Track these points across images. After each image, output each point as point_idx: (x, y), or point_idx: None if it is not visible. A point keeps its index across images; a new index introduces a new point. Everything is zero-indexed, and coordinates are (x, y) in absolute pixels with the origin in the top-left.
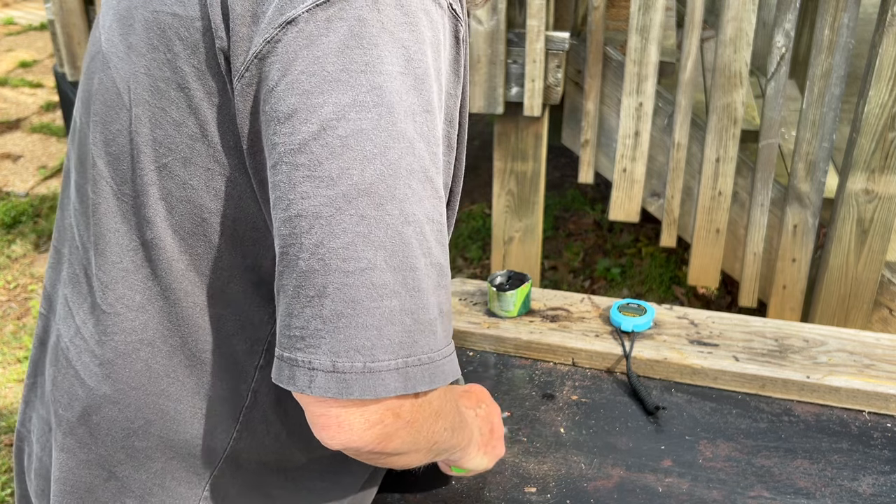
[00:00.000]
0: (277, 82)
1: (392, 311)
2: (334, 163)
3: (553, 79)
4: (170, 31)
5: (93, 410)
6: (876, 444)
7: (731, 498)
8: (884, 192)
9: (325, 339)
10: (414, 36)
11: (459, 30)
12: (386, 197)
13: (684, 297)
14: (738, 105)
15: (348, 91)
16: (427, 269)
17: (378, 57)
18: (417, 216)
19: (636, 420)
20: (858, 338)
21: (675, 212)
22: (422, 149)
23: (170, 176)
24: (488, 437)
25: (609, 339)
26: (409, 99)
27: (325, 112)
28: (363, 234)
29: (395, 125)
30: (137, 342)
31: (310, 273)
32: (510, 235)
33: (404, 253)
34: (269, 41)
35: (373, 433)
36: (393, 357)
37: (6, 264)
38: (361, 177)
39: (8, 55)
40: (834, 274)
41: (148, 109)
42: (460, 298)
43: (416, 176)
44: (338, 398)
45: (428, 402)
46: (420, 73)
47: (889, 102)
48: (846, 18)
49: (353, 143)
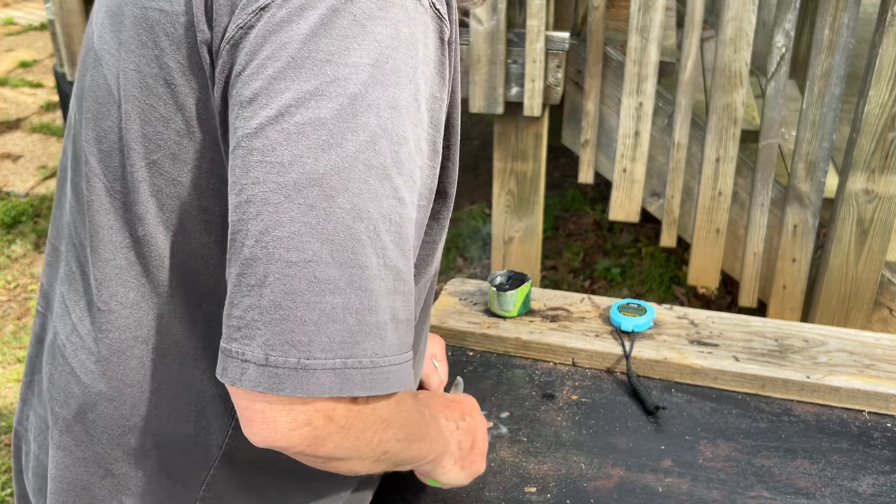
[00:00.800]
0: (245, 67)
1: (334, 308)
2: (288, 150)
3: (553, 79)
4: (157, 26)
5: (89, 408)
6: (876, 444)
7: (731, 498)
8: (884, 192)
9: (260, 330)
10: (387, 31)
11: (444, 31)
12: (338, 189)
13: (684, 297)
14: (738, 105)
15: (311, 79)
16: (379, 270)
17: (346, 48)
18: (372, 214)
19: (636, 420)
20: (858, 338)
21: (675, 212)
22: (384, 145)
23: (160, 172)
24: (467, 452)
25: (609, 339)
26: (374, 93)
27: (286, 98)
28: (310, 224)
29: (356, 118)
30: (132, 339)
31: (252, 261)
32: (510, 235)
33: (353, 249)
34: (241, 27)
35: (300, 434)
36: (331, 356)
37: (6, 264)
38: (314, 166)
39: (8, 55)
40: (834, 274)
41: (137, 106)
42: (460, 298)
43: (374, 172)
44: (267, 393)
45: (372, 409)
46: (390, 70)
47: (889, 102)
48: (846, 18)
49: (310, 131)
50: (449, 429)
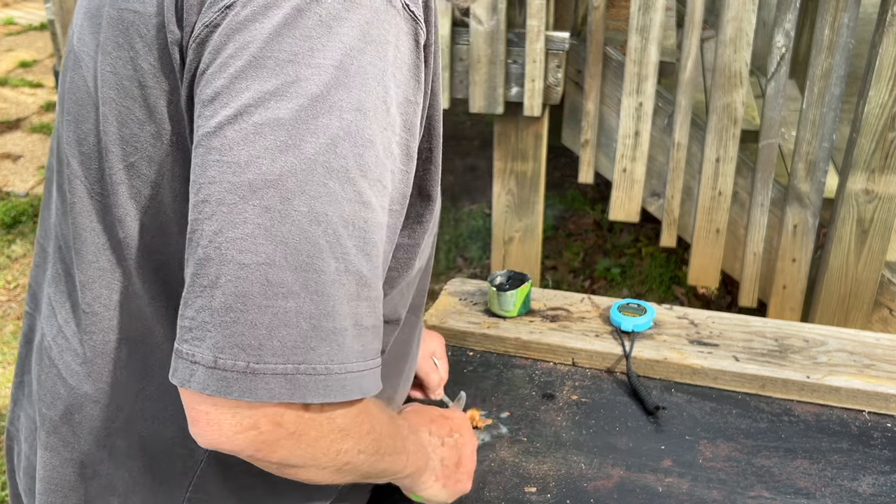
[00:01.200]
0: (209, 65)
1: (287, 313)
2: (244, 150)
3: (553, 79)
4: (131, 28)
5: (75, 409)
6: (876, 444)
7: (731, 498)
8: (884, 192)
9: (210, 332)
10: (354, 33)
11: (419, 33)
12: (294, 192)
13: (684, 297)
14: (738, 105)
15: (271, 79)
16: (339, 275)
17: (310, 49)
18: (331, 217)
19: (636, 420)
20: (858, 338)
21: (675, 212)
22: (346, 148)
23: (137, 175)
24: (452, 470)
25: (609, 339)
26: (338, 95)
27: (245, 97)
28: (264, 226)
29: (317, 119)
30: (116, 341)
31: (206, 261)
32: (510, 235)
33: (309, 253)
34: (207, 25)
35: (245, 438)
36: (282, 361)
37: (6, 264)
38: (270, 167)
39: (8, 55)
40: (834, 274)
41: (115, 108)
42: (460, 298)
43: (334, 175)
44: (215, 396)
45: (327, 417)
46: (355, 71)
47: (889, 102)
48: (846, 18)
49: (267, 131)
50: (433, 444)
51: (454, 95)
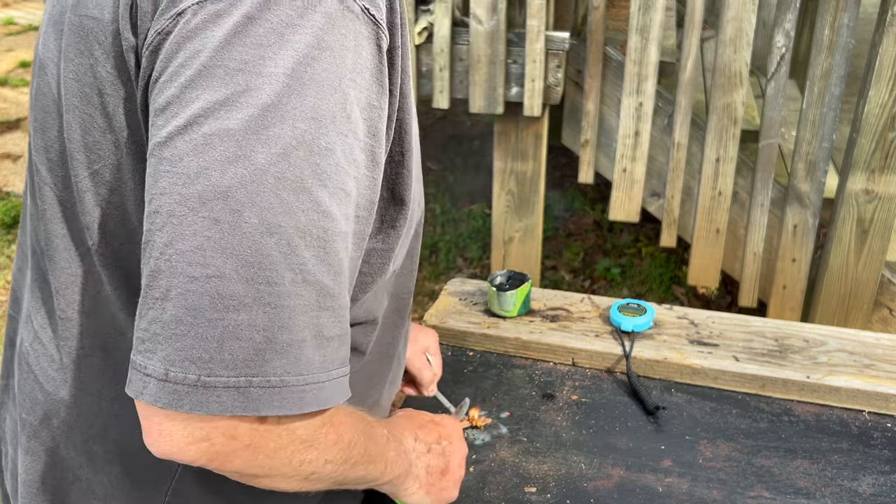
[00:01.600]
0: (161, 74)
1: (238, 326)
2: (194, 161)
3: (553, 79)
4: (90, 35)
5: (52, 414)
6: (876, 444)
7: (731, 498)
8: (884, 192)
9: (161, 345)
10: (307, 39)
11: (381, 38)
12: (245, 203)
13: (684, 297)
14: (738, 105)
15: (222, 88)
16: (295, 286)
17: (261, 57)
18: (285, 228)
19: (636, 420)
20: (858, 338)
21: (675, 212)
22: (300, 157)
23: (102, 182)
24: (437, 478)
25: (609, 339)
26: (290, 104)
27: (195, 108)
28: (214, 239)
29: (267, 129)
30: (90, 347)
31: (157, 273)
32: (510, 235)
33: (261, 265)
34: (160, 32)
35: (197, 449)
36: (234, 374)
37: (6, 264)
38: (220, 179)
39: (8, 55)
40: (834, 274)
41: (78, 115)
42: (460, 298)
43: (288, 185)
44: (167, 409)
45: (287, 429)
46: (309, 79)
47: (889, 102)
48: (846, 18)
49: (217, 142)
50: (418, 451)
51: (454, 95)
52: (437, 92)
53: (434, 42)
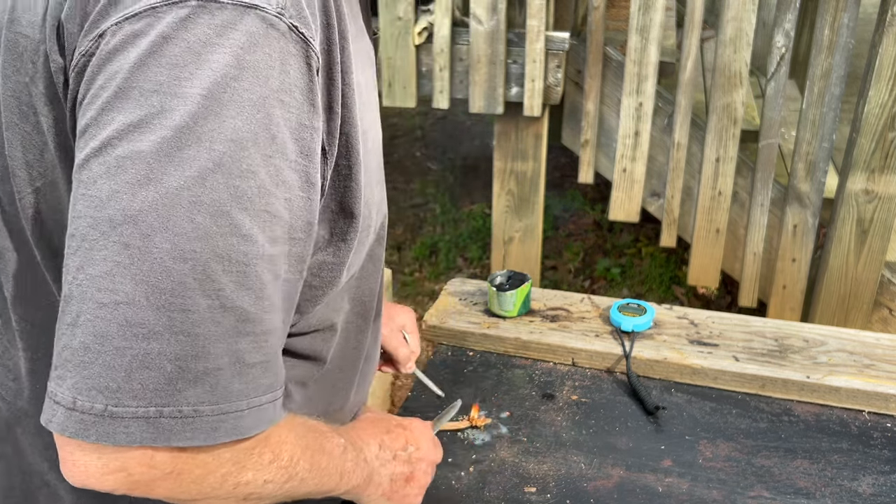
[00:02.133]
0: (84, 96)
1: (148, 354)
2: (106, 184)
3: (553, 79)
4: (25, 54)
5: (14, 423)
6: (876, 444)
7: (731, 498)
8: (884, 192)
9: (70, 372)
10: (226, 59)
11: (311, 55)
12: (156, 227)
13: (684, 297)
14: (738, 105)
15: (136, 110)
16: (212, 312)
17: (176, 78)
18: (199, 253)
19: (636, 420)
20: (858, 338)
21: (675, 212)
22: (218, 181)
23: (44, 199)
24: (401, 485)
25: (609, 339)
26: (207, 126)
27: (110, 130)
28: (124, 264)
29: (181, 151)
30: (43, 357)
31: (69, 298)
32: (510, 235)
33: (174, 292)
34: (83, 54)
35: (115, 479)
36: (143, 404)
37: None
38: (130, 203)
39: None
40: (834, 274)
41: (18, 133)
42: (460, 298)
43: (203, 209)
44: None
45: (213, 455)
46: (229, 99)
47: (889, 102)
48: (846, 18)
49: (129, 165)
50: (382, 458)
51: (454, 95)
52: (437, 92)
53: (434, 42)
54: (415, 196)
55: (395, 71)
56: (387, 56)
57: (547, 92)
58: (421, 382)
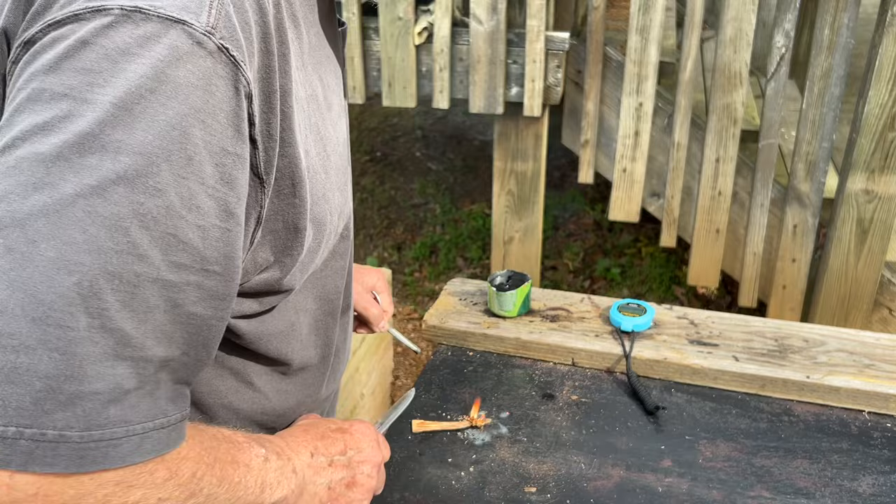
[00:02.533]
0: (11, 101)
1: (16, 369)
2: (1, 184)
3: (553, 79)
4: None
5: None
6: (876, 444)
7: (731, 498)
8: (884, 192)
9: None
10: (144, 70)
11: (240, 80)
12: (44, 234)
13: (684, 297)
14: (738, 105)
15: (43, 112)
16: (91, 331)
17: (88, 83)
18: (88, 268)
19: (636, 420)
20: (858, 338)
21: (675, 212)
22: (120, 194)
23: None
24: (341, 490)
25: (609, 339)
26: (114, 135)
27: (16, 130)
28: (3, 269)
29: (83, 158)
30: None
31: None
32: (510, 235)
33: (53, 305)
34: (13, 61)
35: None
36: (2, 423)
37: None
38: (21, 205)
39: None
40: (834, 274)
41: None
42: (460, 298)
43: (100, 222)
44: None
45: (90, 476)
46: (141, 112)
47: (889, 102)
48: (846, 18)
49: (26, 166)
50: (316, 466)
51: (454, 95)
52: (437, 92)
53: (434, 42)
54: (415, 196)
55: (395, 71)
56: (387, 56)
57: (547, 92)
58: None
